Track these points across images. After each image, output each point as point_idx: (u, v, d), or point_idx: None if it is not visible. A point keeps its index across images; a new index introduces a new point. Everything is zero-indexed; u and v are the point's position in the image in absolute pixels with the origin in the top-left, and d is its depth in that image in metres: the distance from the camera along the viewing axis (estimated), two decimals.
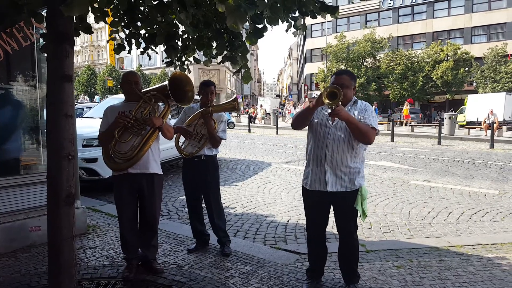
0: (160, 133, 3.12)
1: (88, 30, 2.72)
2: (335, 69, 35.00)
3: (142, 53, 3.65)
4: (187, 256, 3.59)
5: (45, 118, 4.41)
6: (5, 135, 4.10)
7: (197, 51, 3.37)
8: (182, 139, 3.75)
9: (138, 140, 2.99)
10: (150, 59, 3.80)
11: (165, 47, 3.27)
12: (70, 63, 2.19)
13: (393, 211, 5.50)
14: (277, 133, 18.60)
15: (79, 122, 7.25)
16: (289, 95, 56.05)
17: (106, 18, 3.09)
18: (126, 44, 3.45)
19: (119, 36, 3.51)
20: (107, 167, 6.57)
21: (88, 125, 6.67)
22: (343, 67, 35.25)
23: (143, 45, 3.42)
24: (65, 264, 2.20)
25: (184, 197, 6.09)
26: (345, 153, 2.75)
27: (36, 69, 4.28)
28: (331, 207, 2.92)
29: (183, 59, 3.50)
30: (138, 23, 3.27)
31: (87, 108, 8.94)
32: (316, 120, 2.84)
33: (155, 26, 3.17)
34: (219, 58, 3.26)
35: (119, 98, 7.62)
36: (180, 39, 3.35)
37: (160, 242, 3.95)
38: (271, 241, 4.22)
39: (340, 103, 2.52)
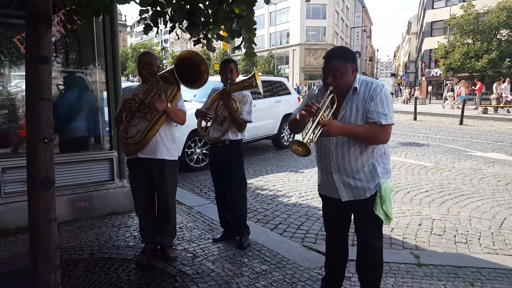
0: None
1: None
2: (458, 43, 30.80)
3: (170, 31, 3.52)
4: (209, 246, 3.43)
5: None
6: (70, 115, 4.46)
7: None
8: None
9: (145, 124, 2.89)
10: (178, 39, 3.64)
11: (186, 25, 3.09)
12: (45, 44, 2.12)
13: (483, 216, 4.51)
14: None
15: None
16: (404, 73, 51.48)
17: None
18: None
19: (147, 15, 3.42)
20: (177, 148, 6.77)
21: None
22: (469, 41, 30.77)
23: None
24: (42, 248, 2.20)
25: None
26: (352, 159, 2.21)
27: (95, 52, 4.50)
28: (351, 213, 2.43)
29: (209, 36, 3.27)
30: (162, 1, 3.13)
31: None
32: None
33: (174, 2, 3.00)
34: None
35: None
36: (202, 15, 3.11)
37: (193, 227, 3.89)
38: (311, 238, 3.80)
39: (327, 117, 2.06)
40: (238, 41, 3.04)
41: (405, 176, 6.34)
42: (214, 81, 7.77)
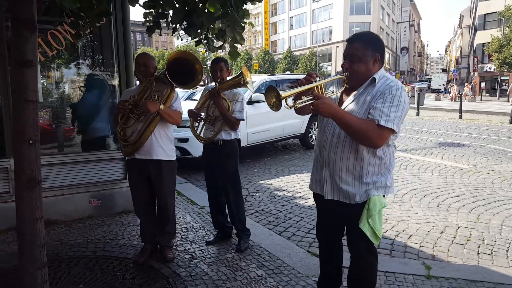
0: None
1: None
2: None
3: (172, 33, 3.52)
4: (209, 248, 3.39)
5: None
6: (89, 116, 4.61)
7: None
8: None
9: (140, 125, 2.90)
10: (181, 40, 3.63)
11: (185, 26, 3.07)
12: (30, 48, 2.17)
13: None
14: (418, 114, 16.40)
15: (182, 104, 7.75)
16: (455, 69, 48.69)
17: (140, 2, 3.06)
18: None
19: (151, 18, 3.44)
20: (199, 147, 6.85)
21: (187, 107, 7.01)
22: None
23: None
24: (27, 246, 2.25)
25: (263, 182, 5.94)
26: (345, 154, 2.01)
27: (114, 55, 4.61)
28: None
29: (209, 36, 3.23)
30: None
31: (198, 91, 9.44)
32: None
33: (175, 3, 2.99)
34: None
35: None
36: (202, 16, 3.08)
37: (199, 228, 3.88)
38: None
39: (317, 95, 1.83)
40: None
41: (436, 179, 5.94)
42: (263, 80, 7.87)
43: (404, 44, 62.09)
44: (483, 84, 34.17)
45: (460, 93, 18.69)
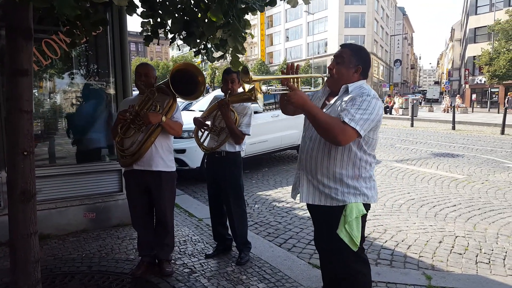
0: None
1: None
2: (504, 49, 29.17)
3: (171, 43, 3.49)
4: (209, 261, 3.32)
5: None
6: (85, 126, 4.54)
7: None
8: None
9: (140, 136, 2.86)
10: (179, 50, 3.60)
11: (184, 35, 3.05)
12: (25, 57, 2.12)
13: None
14: (412, 125, 16.51)
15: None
16: (447, 81, 49.32)
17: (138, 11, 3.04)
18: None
19: (148, 27, 3.42)
20: (196, 158, 6.74)
21: (185, 117, 6.96)
22: None
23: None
24: (20, 261, 2.17)
25: (261, 193, 5.88)
26: (319, 157, 2.05)
27: (110, 65, 4.57)
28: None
29: (209, 46, 3.21)
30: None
31: (196, 101, 9.41)
32: None
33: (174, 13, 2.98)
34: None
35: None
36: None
37: (198, 241, 3.81)
38: None
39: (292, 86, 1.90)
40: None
41: (432, 189, 5.94)
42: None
43: (398, 56, 62.97)
44: (473, 96, 34.61)
45: (452, 105, 18.91)
